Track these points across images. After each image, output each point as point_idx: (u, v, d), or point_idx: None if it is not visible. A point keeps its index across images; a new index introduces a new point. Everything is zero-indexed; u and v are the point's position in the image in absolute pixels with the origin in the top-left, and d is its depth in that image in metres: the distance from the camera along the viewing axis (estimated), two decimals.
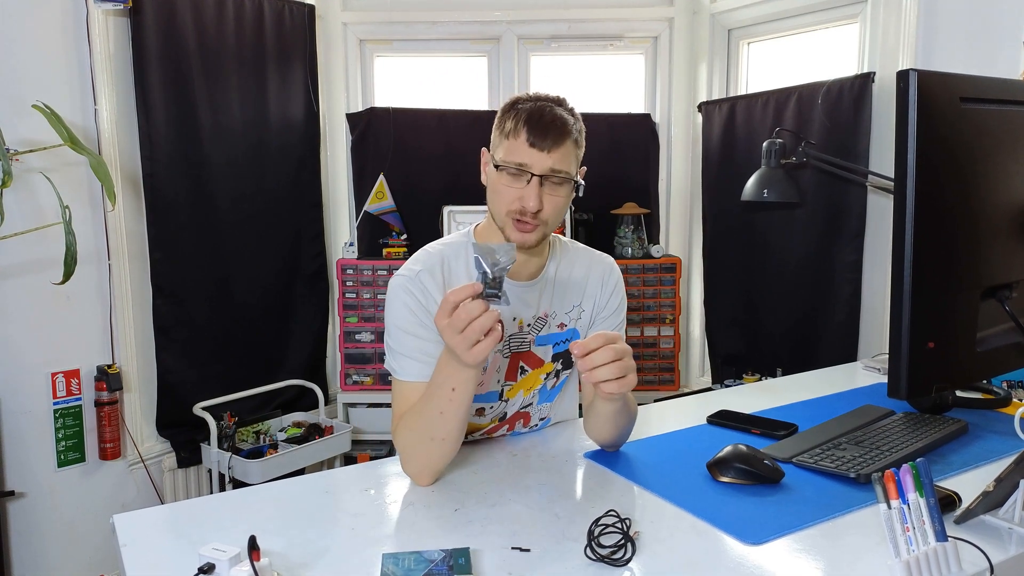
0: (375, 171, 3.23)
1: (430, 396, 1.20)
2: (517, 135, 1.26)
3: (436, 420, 1.19)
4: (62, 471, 2.52)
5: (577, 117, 1.32)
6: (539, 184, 1.26)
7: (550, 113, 1.26)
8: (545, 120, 1.25)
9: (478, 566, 0.98)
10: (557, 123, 1.25)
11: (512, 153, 1.26)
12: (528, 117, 1.26)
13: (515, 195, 1.27)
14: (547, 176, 1.26)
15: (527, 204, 1.25)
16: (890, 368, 1.04)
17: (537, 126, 1.25)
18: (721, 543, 1.05)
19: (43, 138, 2.22)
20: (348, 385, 3.15)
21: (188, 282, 2.78)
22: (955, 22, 2.32)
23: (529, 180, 1.26)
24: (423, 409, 1.22)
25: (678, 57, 3.40)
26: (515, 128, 1.26)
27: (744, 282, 3.16)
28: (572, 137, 1.28)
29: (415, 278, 1.31)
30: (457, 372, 1.15)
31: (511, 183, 1.27)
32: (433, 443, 1.21)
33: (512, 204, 1.27)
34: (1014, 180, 1.13)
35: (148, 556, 1.02)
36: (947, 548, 0.94)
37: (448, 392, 1.17)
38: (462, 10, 3.33)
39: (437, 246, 1.39)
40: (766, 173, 2.50)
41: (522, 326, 1.39)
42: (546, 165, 1.25)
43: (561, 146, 1.26)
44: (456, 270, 1.36)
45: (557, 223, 1.33)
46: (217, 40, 2.81)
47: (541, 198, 1.26)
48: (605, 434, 1.36)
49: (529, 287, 1.39)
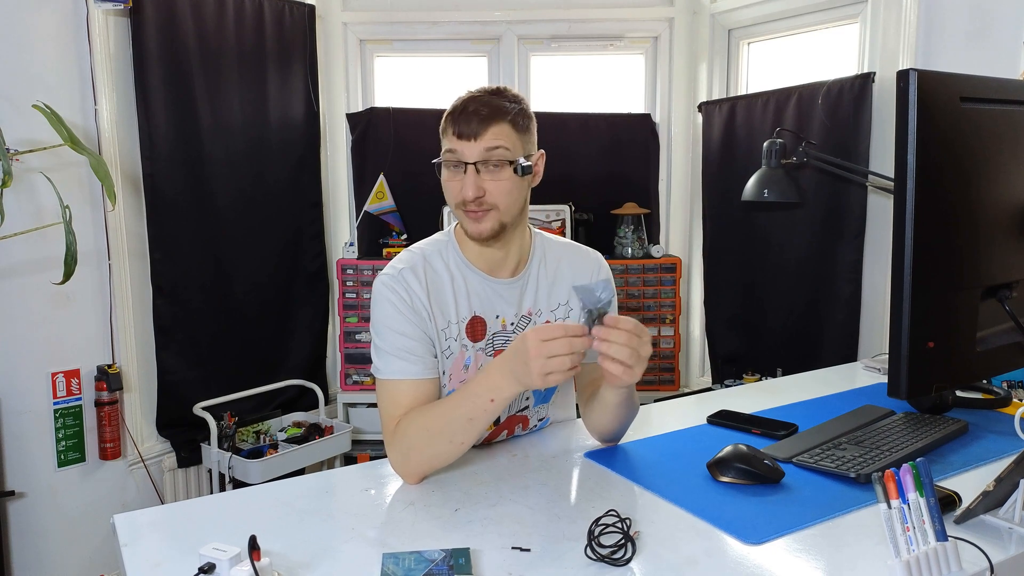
0: (375, 171, 3.23)
1: (462, 401, 1.21)
2: (447, 131, 1.30)
3: (463, 425, 1.21)
4: (62, 471, 2.52)
5: (518, 101, 1.32)
6: (476, 172, 1.27)
7: (474, 102, 1.28)
8: (469, 110, 1.27)
9: (478, 566, 0.98)
10: (481, 111, 1.27)
11: (444, 145, 1.30)
12: (452, 112, 1.30)
13: (458, 187, 1.29)
14: (481, 162, 1.27)
15: (466, 193, 1.27)
16: (890, 368, 1.04)
17: (460, 117, 1.27)
18: (721, 543, 1.05)
19: (43, 138, 2.22)
20: (348, 385, 3.15)
21: (188, 282, 2.78)
22: (955, 22, 2.32)
23: (465, 170, 1.27)
24: (449, 411, 1.23)
25: (678, 57, 3.40)
26: (445, 126, 1.31)
27: (744, 282, 3.16)
28: (505, 120, 1.28)
29: (399, 276, 1.32)
30: (508, 386, 1.17)
31: (451, 177, 1.30)
32: (451, 445, 1.23)
33: (457, 196, 1.30)
34: (1014, 180, 1.13)
35: (148, 556, 1.02)
36: (947, 548, 0.94)
37: (486, 402, 1.19)
38: (462, 10, 3.33)
39: (419, 246, 1.40)
40: (766, 173, 2.50)
41: (505, 325, 1.39)
42: (475, 152, 1.27)
43: (487, 130, 1.26)
44: (437, 269, 1.36)
45: (513, 209, 1.32)
46: (217, 40, 2.81)
47: (480, 184, 1.27)
48: (606, 425, 1.37)
49: (511, 284, 1.39)
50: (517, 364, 1.14)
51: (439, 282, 1.35)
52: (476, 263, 1.37)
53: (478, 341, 1.37)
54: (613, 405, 1.31)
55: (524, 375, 1.13)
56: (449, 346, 1.34)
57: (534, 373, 1.11)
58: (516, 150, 1.29)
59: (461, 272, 1.37)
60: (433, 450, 1.24)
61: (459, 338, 1.35)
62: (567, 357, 1.11)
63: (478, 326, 1.36)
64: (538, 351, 1.10)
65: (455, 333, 1.34)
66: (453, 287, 1.35)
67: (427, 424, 1.24)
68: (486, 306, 1.37)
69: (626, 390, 1.27)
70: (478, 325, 1.36)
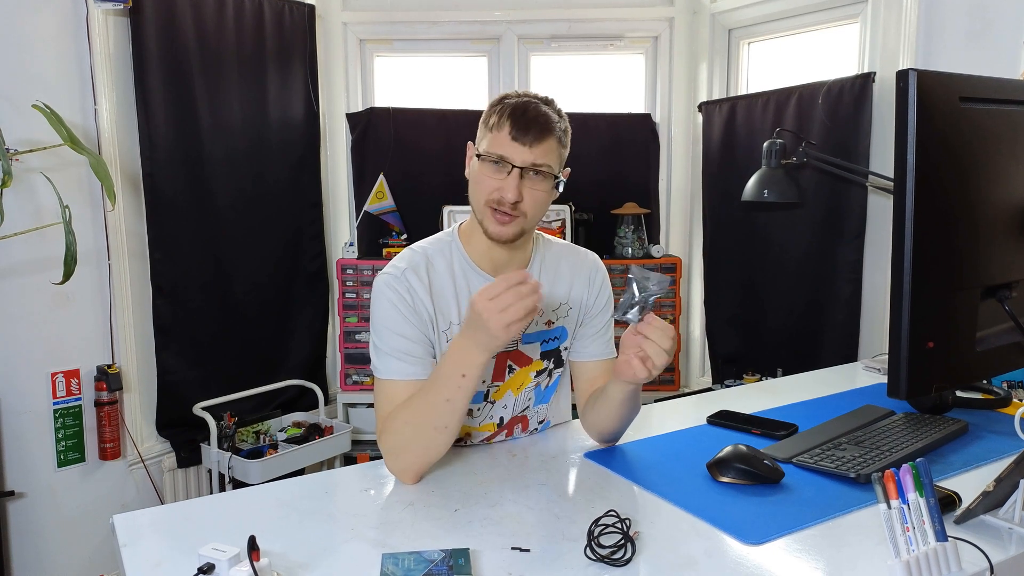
0: (375, 171, 3.23)
1: (436, 385, 1.21)
2: (500, 128, 1.28)
3: (442, 408, 1.20)
4: (62, 471, 2.52)
5: (563, 117, 1.33)
6: (519, 176, 1.27)
7: (534, 109, 1.28)
8: (529, 115, 1.27)
9: (478, 566, 0.98)
10: (540, 119, 1.27)
11: (494, 145, 1.28)
12: (512, 111, 1.28)
13: (495, 185, 1.28)
14: (527, 169, 1.27)
15: (506, 195, 1.27)
16: (890, 368, 1.04)
17: (520, 120, 1.27)
18: (721, 543, 1.05)
19: (43, 138, 2.22)
20: (348, 385, 3.15)
21: (188, 282, 2.78)
22: (955, 22, 2.32)
23: (509, 172, 1.27)
24: (426, 398, 1.22)
25: (678, 57, 3.40)
26: (499, 122, 1.29)
27: (744, 282, 3.16)
28: (555, 135, 1.29)
29: (401, 276, 1.32)
30: (472, 355, 1.17)
31: (492, 173, 1.29)
32: (436, 432, 1.22)
33: (491, 194, 1.29)
34: (1014, 180, 1.13)
35: (148, 556, 1.02)
36: (947, 548, 0.94)
37: (458, 379, 1.18)
38: (462, 10, 3.33)
39: (422, 245, 1.40)
40: (766, 173, 2.50)
41: None
42: (527, 159, 1.27)
43: (543, 142, 1.27)
44: (440, 269, 1.36)
45: (536, 219, 1.33)
46: (217, 40, 2.81)
47: (520, 190, 1.27)
48: (606, 423, 1.37)
49: None
50: (477, 331, 1.15)
51: (441, 283, 1.35)
52: (480, 263, 1.37)
53: None
54: (618, 402, 1.31)
55: (486, 338, 1.14)
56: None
57: (494, 330, 1.11)
58: (556, 166, 1.31)
59: (464, 272, 1.37)
60: (420, 441, 1.23)
61: None
62: (519, 305, 1.11)
63: None
64: (489, 309, 1.11)
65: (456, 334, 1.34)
66: (455, 288, 1.35)
67: (408, 418, 1.24)
68: None
69: (633, 388, 1.27)
70: None
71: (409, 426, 1.24)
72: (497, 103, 1.32)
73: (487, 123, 1.31)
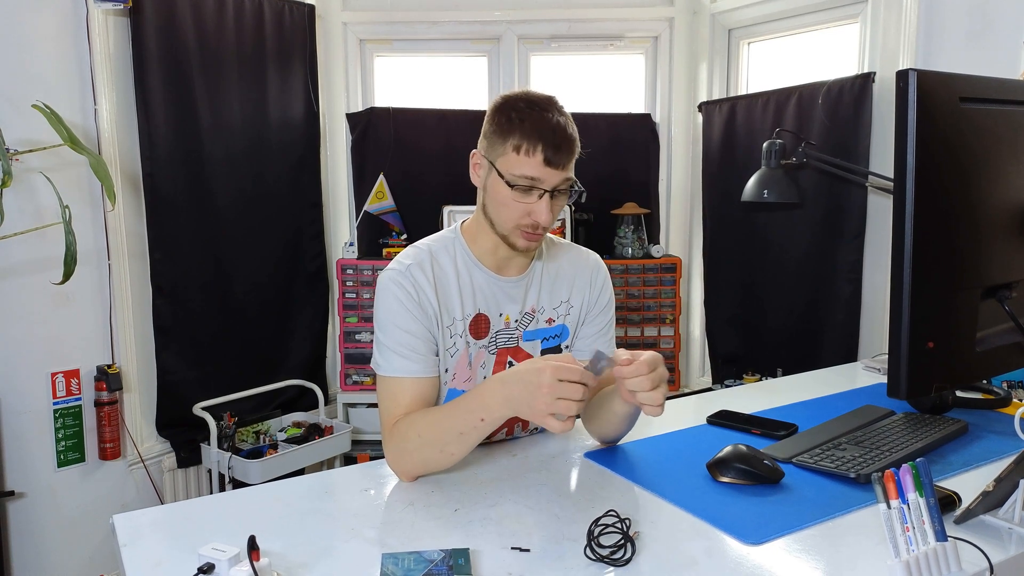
0: (375, 171, 3.23)
1: (454, 414, 1.22)
2: (533, 153, 1.24)
3: (454, 437, 1.22)
4: (62, 471, 2.52)
5: (572, 121, 1.32)
6: (550, 197, 1.27)
7: (562, 129, 1.26)
8: (559, 137, 1.25)
9: (478, 566, 0.98)
10: (569, 139, 1.26)
11: (527, 168, 1.25)
12: (542, 135, 1.24)
13: (526, 209, 1.27)
14: (555, 191, 1.28)
15: (540, 219, 1.26)
16: (890, 368, 1.04)
17: (552, 143, 1.24)
18: (721, 543, 1.05)
19: (43, 138, 2.22)
20: (348, 385, 3.15)
21: (188, 282, 2.78)
22: (955, 22, 2.32)
23: (541, 195, 1.26)
24: (443, 422, 1.23)
25: (678, 57, 3.40)
26: (530, 146, 1.24)
27: (744, 282, 3.16)
28: (577, 148, 1.30)
29: (406, 272, 1.32)
30: (499, 409, 1.17)
31: (522, 197, 1.27)
32: (441, 455, 1.24)
33: (523, 219, 1.28)
34: (1014, 180, 1.13)
35: (148, 556, 1.02)
36: (947, 548, 0.94)
37: (476, 420, 1.19)
38: (462, 10, 3.33)
39: (425, 242, 1.39)
40: (766, 173, 2.50)
41: (509, 322, 1.39)
42: (557, 180, 1.26)
43: (570, 162, 1.28)
44: (444, 266, 1.36)
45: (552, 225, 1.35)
46: (217, 40, 2.81)
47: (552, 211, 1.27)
48: (612, 431, 1.38)
49: (516, 282, 1.39)
50: (521, 390, 1.12)
51: (446, 279, 1.35)
52: (484, 261, 1.37)
53: (481, 338, 1.37)
54: (622, 416, 1.33)
55: (523, 404, 1.12)
56: (454, 343, 1.34)
57: (537, 407, 1.10)
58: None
59: (468, 269, 1.37)
60: (424, 456, 1.24)
61: (463, 335, 1.35)
62: (574, 403, 1.09)
63: (482, 323, 1.37)
64: (551, 389, 1.09)
65: (460, 330, 1.35)
66: (459, 284, 1.35)
67: (421, 431, 1.24)
68: (491, 303, 1.37)
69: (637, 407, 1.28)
70: (482, 322, 1.37)
71: (419, 439, 1.24)
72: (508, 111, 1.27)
73: (505, 138, 1.26)
